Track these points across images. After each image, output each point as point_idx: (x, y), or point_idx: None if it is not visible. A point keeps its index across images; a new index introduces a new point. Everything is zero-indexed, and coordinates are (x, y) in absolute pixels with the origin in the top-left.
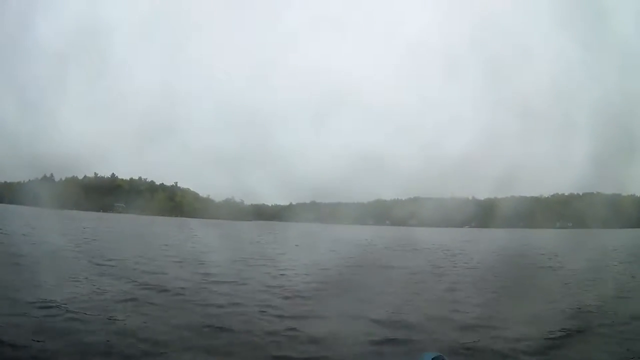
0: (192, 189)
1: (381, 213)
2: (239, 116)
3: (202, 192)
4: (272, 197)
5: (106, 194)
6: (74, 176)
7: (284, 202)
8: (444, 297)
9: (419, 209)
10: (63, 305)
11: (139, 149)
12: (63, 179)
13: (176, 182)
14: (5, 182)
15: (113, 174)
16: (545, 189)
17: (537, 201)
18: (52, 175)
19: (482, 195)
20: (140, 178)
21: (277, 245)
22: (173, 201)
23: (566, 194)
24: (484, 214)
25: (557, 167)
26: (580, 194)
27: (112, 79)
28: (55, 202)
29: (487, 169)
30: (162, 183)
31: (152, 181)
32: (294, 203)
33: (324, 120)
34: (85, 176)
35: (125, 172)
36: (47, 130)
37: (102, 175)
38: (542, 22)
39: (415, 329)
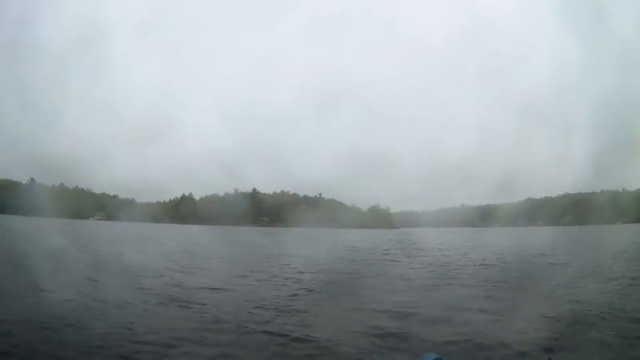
0: (337, 199)
1: (530, 213)
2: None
3: (347, 201)
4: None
5: (249, 208)
6: (214, 194)
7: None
8: None
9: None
10: None
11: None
12: (203, 196)
13: (320, 194)
14: (147, 202)
15: (254, 189)
16: None
17: None
18: (190, 194)
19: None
20: (282, 191)
21: None
22: (318, 212)
23: None
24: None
25: None
26: None
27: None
28: (199, 219)
29: None
30: (306, 195)
31: (295, 193)
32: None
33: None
34: (226, 193)
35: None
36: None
37: (243, 190)
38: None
39: None
